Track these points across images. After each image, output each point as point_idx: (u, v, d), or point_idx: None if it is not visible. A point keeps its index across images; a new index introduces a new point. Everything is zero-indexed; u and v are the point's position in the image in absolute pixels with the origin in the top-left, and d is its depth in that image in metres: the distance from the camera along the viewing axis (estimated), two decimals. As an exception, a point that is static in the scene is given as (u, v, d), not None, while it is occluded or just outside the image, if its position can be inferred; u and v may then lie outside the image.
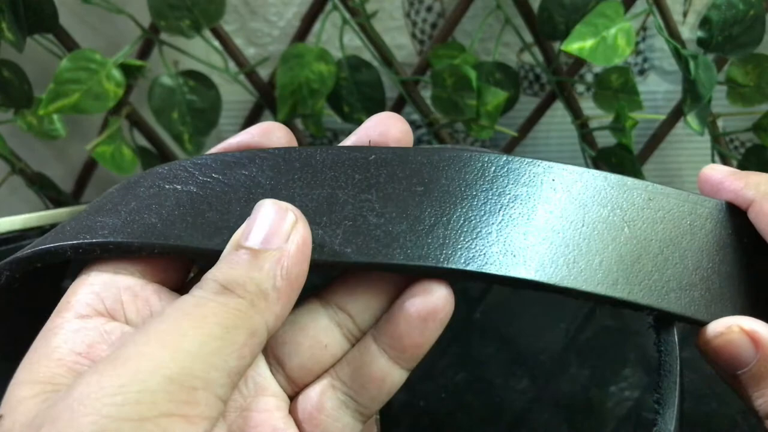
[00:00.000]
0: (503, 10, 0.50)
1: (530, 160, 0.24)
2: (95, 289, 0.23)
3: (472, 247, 0.22)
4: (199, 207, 0.24)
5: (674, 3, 0.52)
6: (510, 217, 0.23)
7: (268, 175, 0.24)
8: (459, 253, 0.22)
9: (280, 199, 0.22)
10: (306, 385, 0.24)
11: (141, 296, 0.23)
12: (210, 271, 0.21)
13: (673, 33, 0.49)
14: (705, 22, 0.47)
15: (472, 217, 0.23)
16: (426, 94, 0.52)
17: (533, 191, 0.24)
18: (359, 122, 0.51)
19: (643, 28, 0.55)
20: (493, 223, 0.23)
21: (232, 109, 0.57)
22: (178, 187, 0.25)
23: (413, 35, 0.56)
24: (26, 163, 0.53)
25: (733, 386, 0.23)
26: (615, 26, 0.45)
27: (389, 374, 0.23)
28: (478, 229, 0.23)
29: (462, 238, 0.22)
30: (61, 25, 0.48)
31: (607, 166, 0.52)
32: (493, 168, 0.24)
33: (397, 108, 0.55)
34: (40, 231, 0.44)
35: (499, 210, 0.23)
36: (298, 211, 0.22)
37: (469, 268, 0.22)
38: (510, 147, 0.57)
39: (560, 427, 0.40)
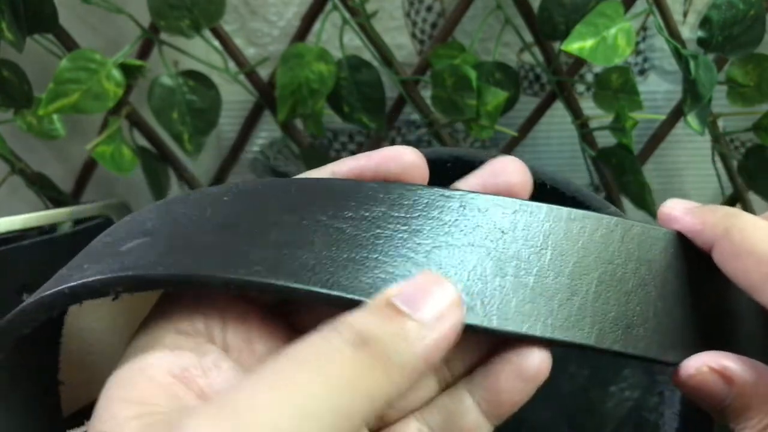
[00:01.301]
0: (503, 10, 0.50)
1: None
2: (197, 303, 0.22)
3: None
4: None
5: (674, 3, 0.52)
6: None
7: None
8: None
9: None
10: (391, 423, 0.23)
11: (245, 321, 0.22)
12: (348, 315, 0.19)
13: (673, 33, 0.49)
14: (705, 22, 0.47)
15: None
16: (426, 94, 0.52)
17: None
18: (359, 122, 0.51)
19: (644, 28, 0.55)
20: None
21: (232, 109, 0.57)
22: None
23: (413, 35, 0.56)
24: (26, 163, 0.53)
25: (717, 419, 0.23)
26: (615, 26, 0.45)
27: (479, 428, 0.23)
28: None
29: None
30: (61, 24, 0.48)
31: (607, 166, 0.52)
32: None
33: (397, 108, 0.55)
34: (39, 231, 0.44)
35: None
36: (456, 291, 0.20)
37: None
38: (510, 147, 0.57)
39: (560, 427, 0.40)
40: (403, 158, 0.24)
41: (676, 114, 0.53)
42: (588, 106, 0.53)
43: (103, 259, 0.22)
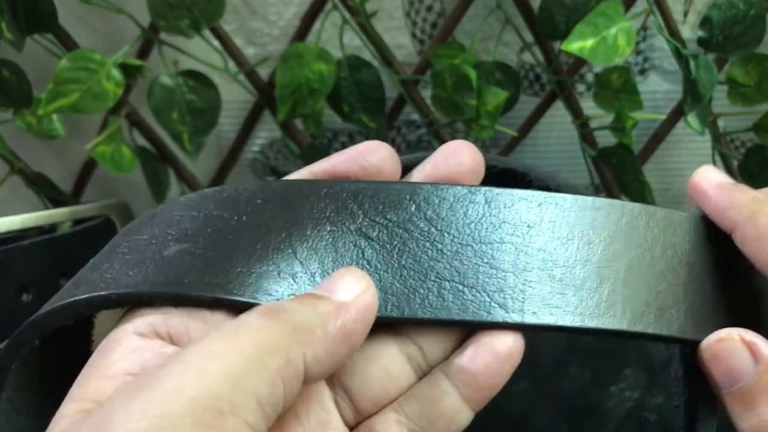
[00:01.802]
0: (503, 9, 0.50)
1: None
2: (162, 310, 0.22)
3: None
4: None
5: (675, 3, 0.52)
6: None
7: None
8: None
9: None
10: (369, 416, 0.23)
11: (210, 322, 0.22)
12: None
13: (673, 33, 0.49)
14: (705, 22, 0.47)
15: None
16: (426, 94, 0.52)
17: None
18: (359, 122, 0.51)
19: (644, 27, 0.55)
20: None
21: (231, 109, 0.57)
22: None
23: (413, 35, 0.56)
24: (25, 162, 0.52)
25: (724, 405, 0.23)
26: (615, 26, 0.45)
27: (459, 412, 0.23)
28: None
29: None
30: (61, 24, 0.48)
31: (608, 166, 0.52)
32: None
33: (397, 108, 0.55)
34: (39, 231, 0.44)
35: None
36: (368, 277, 0.22)
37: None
38: (510, 147, 0.57)
39: (560, 427, 0.40)
40: (379, 152, 0.24)
41: (677, 114, 0.53)
42: (588, 106, 0.52)
43: (146, 263, 0.22)
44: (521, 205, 0.23)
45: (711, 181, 0.24)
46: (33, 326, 0.22)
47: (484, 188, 0.23)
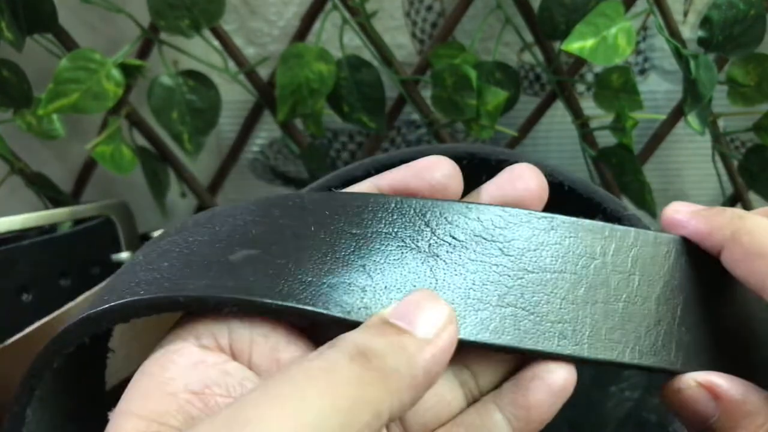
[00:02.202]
0: (503, 9, 0.50)
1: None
2: (225, 320, 0.21)
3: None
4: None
5: (675, 2, 0.52)
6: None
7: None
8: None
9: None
10: None
11: (272, 339, 0.21)
12: (348, 333, 0.20)
13: (673, 33, 0.49)
14: (705, 22, 0.47)
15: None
16: (426, 93, 0.52)
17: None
18: (359, 122, 0.51)
19: (644, 27, 0.55)
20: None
21: (231, 109, 0.57)
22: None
23: (413, 35, 0.56)
24: (26, 162, 0.52)
25: None
26: (615, 26, 0.45)
27: None
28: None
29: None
30: (61, 24, 0.48)
31: (608, 166, 0.52)
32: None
33: (397, 108, 0.55)
34: (39, 231, 0.44)
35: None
36: (451, 309, 0.21)
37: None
38: (510, 147, 0.57)
39: (561, 427, 0.40)
40: (443, 168, 0.24)
41: (677, 114, 0.53)
42: (588, 106, 0.52)
43: (210, 267, 0.22)
44: (586, 235, 0.23)
45: (684, 212, 0.24)
46: (85, 323, 0.21)
47: (550, 215, 0.23)
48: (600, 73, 0.49)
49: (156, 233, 0.47)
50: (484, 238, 0.22)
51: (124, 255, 0.45)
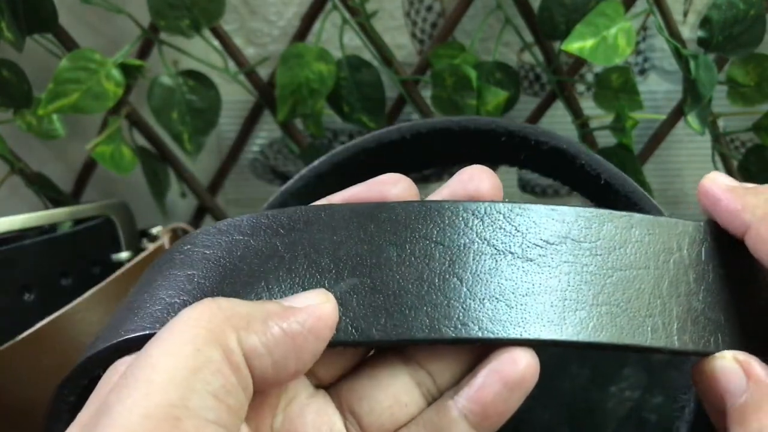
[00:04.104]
0: (503, 9, 0.50)
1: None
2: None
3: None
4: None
5: (675, 3, 0.52)
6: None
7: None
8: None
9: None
10: None
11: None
12: None
13: (673, 33, 0.49)
14: (705, 22, 0.47)
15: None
16: (426, 94, 0.52)
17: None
18: (359, 122, 0.51)
19: (644, 27, 0.55)
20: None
21: (231, 109, 0.57)
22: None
23: (413, 35, 0.56)
24: (26, 162, 0.52)
25: (719, 426, 0.23)
26: (615, 26, 0.45)
27: None
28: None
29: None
30: (61, 24, 0.48)
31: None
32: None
33: (397, 108, 0.55)
34: (39, 231, 0.44)
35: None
36: (335, 301, 0.21)
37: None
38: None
39: (561, 427, 0.40)
40: (399, 184, 0.24)
41: (677, 114, 0.53)
42: (588, 106, 0.53)
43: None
44: (663, 231, 0.23)
45: (721, 184, 0.24)
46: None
47: (627, 213, 0.23)
48: (600, 73, 0.49)
49: (155, 230, 0.47)
50: (573, 240, 0.22)
51: (124, 255, 0.45)
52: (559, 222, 0.22)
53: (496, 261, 0.22)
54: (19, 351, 0.34)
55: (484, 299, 0.21)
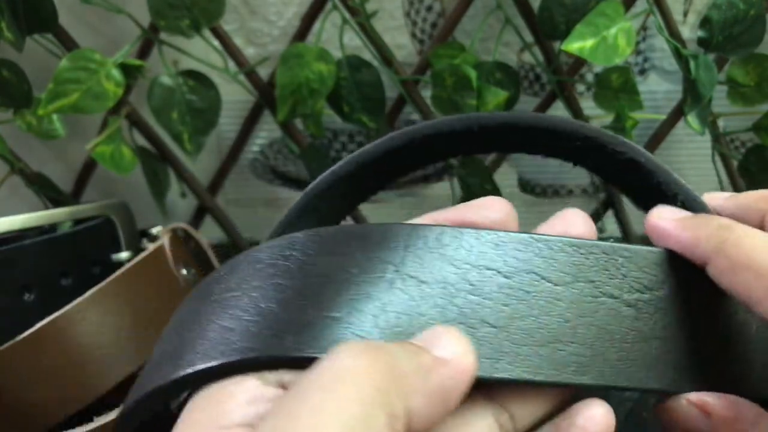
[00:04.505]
0: (503, 9, 0.50)
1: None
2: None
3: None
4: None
5: (675, 3, 0.52)
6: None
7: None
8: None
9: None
10: None
11: None
12: None
13: (673, 33, 0.49)
14: (705, 22, 0.47)
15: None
16: (426, 94, 0.52)
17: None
18: (359, 122, 0.51)
19: (644, 27, 0.55)
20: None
21: (231, 109, 0.57)
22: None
23: (413, 35, 0.56)
24: (26, 162, 0.52)
25: None
26: (615, 26, 0.45)
27: None
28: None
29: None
30: (61, 24, 0.48)
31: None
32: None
33: (397, 108, 0.55)
34: (39, 231, 0.44)
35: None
36: (468, 341, 0.20)
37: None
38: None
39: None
40: (497, 207, 0.24)
41: (677, 114, 0.53)
42: (588, 106, 0.53)
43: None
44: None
45: (668, 219, 0.23)
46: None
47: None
48: (600, 73, 0.49)
49: (155, 230, 0.47)
50: (669, 286, 0.22)
51: (124, 255, 0.45)
52: (657, 265, 0.22)
53: (598, 302, 0.21)
54: (19, 351, 0.34)
55: (590, 346, 0.21)
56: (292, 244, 0.21)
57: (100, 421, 0.32)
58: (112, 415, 0.33)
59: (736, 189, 0.55)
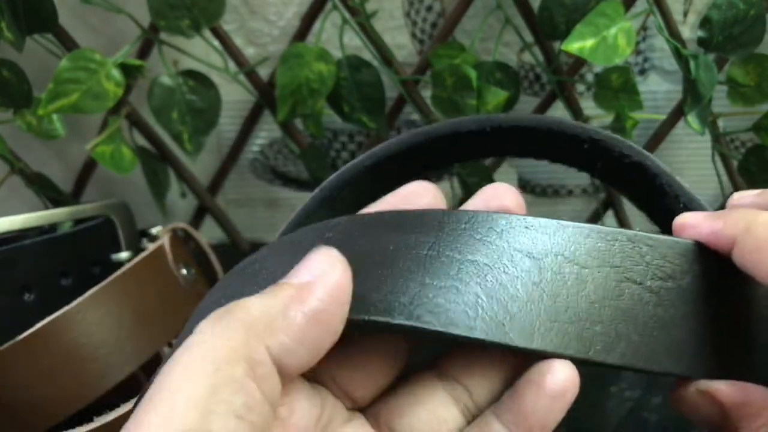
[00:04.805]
0: (503, 9, 0.50)
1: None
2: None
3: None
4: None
5: (674, 3, 0.52)
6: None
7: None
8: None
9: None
10: None
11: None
12: None
13: (673, 33, 0.49)
14: (705, 22, 0.47)
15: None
16: (426, 94, 0.52)
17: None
18: (359, 122, 0.51)
19: (644, 27, 0.55)
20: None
21: (231, 109, 0.57)
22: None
23: (413, 35, 0.56)
24: (26, 163, 0.52)
25: None
26: (615, 26, 0.45)
27: None
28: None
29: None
30: (61, 24, 0.48)
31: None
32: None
33: (397, 108, 0.55)
34: (40, 231, 0.44)
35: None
36: (342, 258, 0.20)
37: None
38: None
39: (560, 427, 0.40)
40: (425, 195, 0.24)
41: (677, 114, 0.53)
42: (588, 106, 0.53)
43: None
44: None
45: (696, 215, 0.24)
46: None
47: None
48: (600, 73, 0.49)
49: (154, 230, 0.47)
50: (691, 276, 0.22)
51: (124, 255, 0.45)
52: (680, 255, 0.22)
53: (621, 287, 0.22)
54: (19, 351, 0.34)
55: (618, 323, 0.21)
56: (330, 227, 0.23)
57: (100, 421, 0.32)
58: (112, 415, 0.33)
59: (736, 189, 0.55)
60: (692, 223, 0.23)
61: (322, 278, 0.20)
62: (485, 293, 0.21)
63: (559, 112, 0.54)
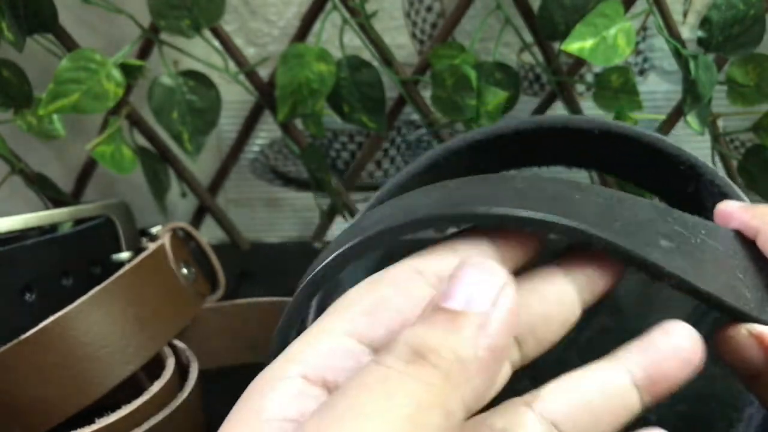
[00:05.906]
0: (503, 10, 0.50)
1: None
2: (327, 351, 0.20)
3: None
4: None
5: (674, 3, 0.52)
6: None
7: None
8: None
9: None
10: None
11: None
12: (404, 332, 0.19)
13: (673, 33, 0.49)
14: (705, 22, 0.47)
15: None
16: (426, 94, 0.52)
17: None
18: (359, 122, 0.51)
19: (643, 28, 0.55)
20: None
21: (232, 109, 0.57)
22: None
23: (413, 35, 0.56)
24: (26, 163, 0.52)
25: (751, 390, 0.24)
26: (615, 26, 0.45)
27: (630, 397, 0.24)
28: None
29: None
30: (61, 24, 0.48)
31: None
32: None
33: (397, 108, 0.55)
34: (40, 231, 0.44)
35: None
36: (506, 273, 0.19)
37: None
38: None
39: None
40: None
41: (676, 114, 0.53)
42: (588, 106, 0.53)
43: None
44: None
45: (734, 204, 0.27)
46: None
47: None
48: (600, 74, 0.49)
49: (154, 229, 0.47)
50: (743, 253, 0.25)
51: (125, 255, 0.45)
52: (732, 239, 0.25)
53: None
54: (19, 351, 0.34)
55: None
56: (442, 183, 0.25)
57: (101, 422, 0.32)
58: (113, 417, 0.33)
59: (736, 189, 0.55)
60: (728, 211, 0.27)
61: (498, 305, 0.19)
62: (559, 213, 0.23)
63: (558, 112, 0.54)
